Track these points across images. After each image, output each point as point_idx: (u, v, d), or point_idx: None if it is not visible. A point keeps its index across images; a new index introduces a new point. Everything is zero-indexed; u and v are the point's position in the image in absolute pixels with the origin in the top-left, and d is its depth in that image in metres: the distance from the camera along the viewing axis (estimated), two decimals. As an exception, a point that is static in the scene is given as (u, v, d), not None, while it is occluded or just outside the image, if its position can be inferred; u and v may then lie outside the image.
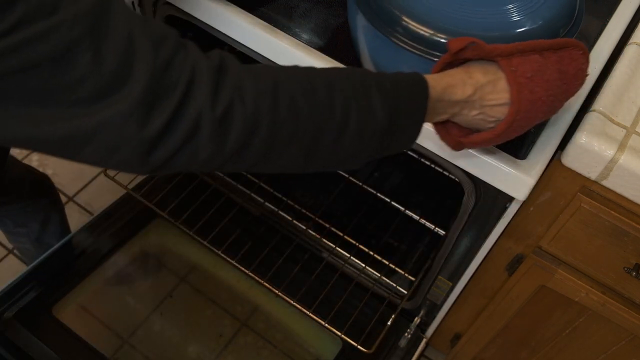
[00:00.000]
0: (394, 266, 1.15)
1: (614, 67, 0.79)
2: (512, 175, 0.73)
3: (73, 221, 1.28)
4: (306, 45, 0.82)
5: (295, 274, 1.17)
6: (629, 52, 0.80)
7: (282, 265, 1.17)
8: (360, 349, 1.03)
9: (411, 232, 1.25)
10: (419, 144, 0.79)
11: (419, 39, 0.66)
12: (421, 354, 1.21)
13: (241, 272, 1.13)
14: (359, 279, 1.15)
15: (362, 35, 0.73)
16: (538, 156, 0.74)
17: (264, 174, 1.28)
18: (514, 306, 1.00)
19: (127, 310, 1.18)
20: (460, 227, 0.91)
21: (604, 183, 0.73)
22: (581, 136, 0.70)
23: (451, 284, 1.04)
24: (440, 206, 1.26)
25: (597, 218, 0.78)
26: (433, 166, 1.25)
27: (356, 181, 1.23)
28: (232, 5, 0.86)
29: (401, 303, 1.09)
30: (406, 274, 1.13)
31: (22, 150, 1.67)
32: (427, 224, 1.17)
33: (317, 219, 1.21)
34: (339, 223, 1.22)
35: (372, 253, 1.16)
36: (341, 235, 1.20)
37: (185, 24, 0.95)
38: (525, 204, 0.82)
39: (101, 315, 1.17)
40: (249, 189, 1.26)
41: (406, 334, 1.16)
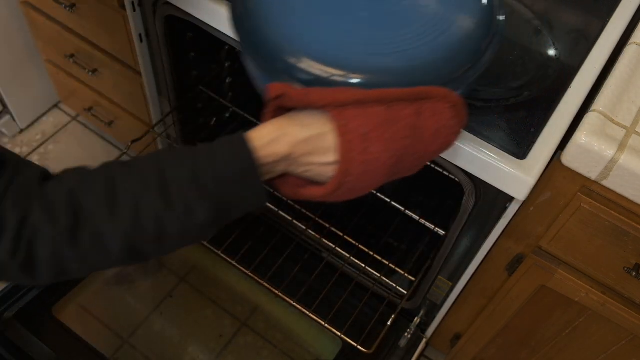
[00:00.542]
0: (394, 266, 1.14)
1: (614, 67, 0.79)
2: (512, 175, 0.73)
3: (73, 221, 1.27)
4: (306, 45, 0.82)
5: (295, 274, 1.17)
6: (629, 52, 0.80)
7: (282, 265, 1.17)
8: (360, 349, 1.03)
9: (411, 232, 1.25)
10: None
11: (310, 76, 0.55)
12: (421, 354, 1.21)
13: (241, 272, 1.13)
14: (359, 279, 1.15)
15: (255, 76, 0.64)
16: (538, 156, 0.74)
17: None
18: (514, 306, 1.00)
19: (127, 310, 1.18)
20: (460, 227, 0.91)
21: (604, 183, 0.73)
22: (581, 136, 0.70)
23: (451, 284, 1.04)
24: (440, 206, 1.26)
25: (597, 218, 0.78)
26: (433, 166, 1.25)
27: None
28: (232, 5, 0.86)
29: (401, 303, 1.09)
30: (406, 274, 1.13)
31: (22, 150, 1.68)
32: (427, 224, 1.17)
33: (317, 219, 1.21)
34: (339, 223, 1.22)
35: (372, 253, 1.16)
36: (341, 235, 1.20)
37: (185, 24, 0.95)
38: (525, 204, 0.82)
39: (101, 315, 1.17)
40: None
41: (406, 334, 1.16)
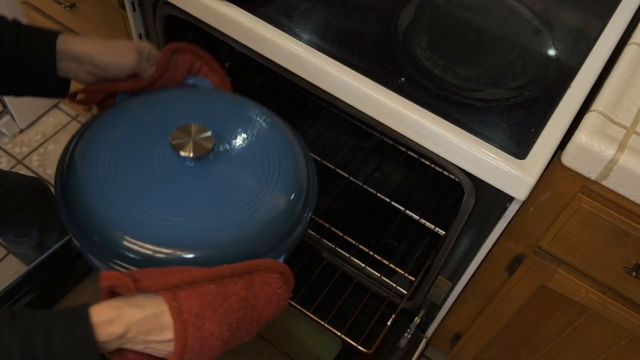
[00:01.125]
0: (394, 266, 1.14)
1: (614, 67, 0.79)
2: (512, 175, 0.73)
3: (73, 221, 1.27)
4: (306, 45, 0.82)
5: (295, 274, 1.17)
6: (629, 52, 0.80)
7: (282, 265, 1.16)
8: (360, 349, 1.03)
9: (411, 232, 1.25)
10: (419, 143, 0.79)
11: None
12: (421, 354, 1.21)
13: (241, 272, 1.13)
14: (359, 279, 1.15)
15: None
16: (538, 156, 0.74)
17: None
18: (514, 306, 1.00)
19: (127, 310, 1.18)
20: (460, 227, 0.91)
21: (604, 183, 0.73)
22: (581, 136, 0.70)
23: (451, 284, 1.04)
24: (440, 206, 1.26)
25: (597, 218, 0.78)
26: (433, 166, 1.25)
27: (356, 181, 1.23)
28: (232, 5, 0.86)
29: (401, 303, 1.09)
30: (406, 274, 1.13)
31: (22, 150, 1.68)
32: (427, 224, 1.17)
33: (317, 219, 1.21)
34: (339, 223, 1.22)
35: (372, 253, 1.16)
36: (341, 235, 1.20)
37: (185, 24, 0.95)
38: (525, 204, 0.83)
39: (101, 316, 1.17)
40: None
41: (406, 334, 1.16)
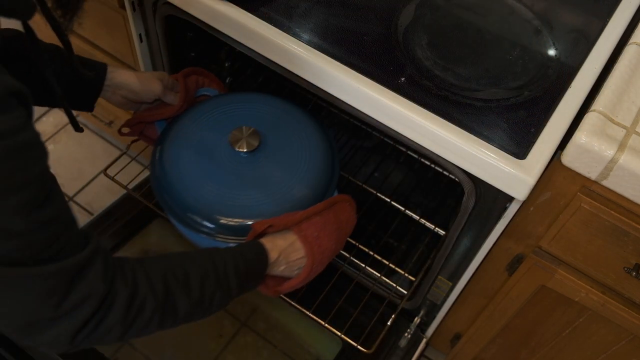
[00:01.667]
0: (394, 266, 1.14)
1: (614, 67, 0.79)
2: (512, 175, 0.73)
3: (73, 221, 1.27)
4: (306, 45, 0.82)
5: (295, 274, 1.17)
6: (629, 52, 0.80)
7: (282, 265, 1.16)
8: (360, 349, 1.02)
9: (411, 232, 1.25)
10: (419, 143, 0.80)
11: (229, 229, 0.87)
12: (421, 354, 1.21)
13: (241, 272, 1.13)
14: (359, 279, 1.15)
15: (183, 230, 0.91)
16: (538, 156, 0.74)
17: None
18: (514, 306, 1.00)
19: (127, 310, 1.18)
20: (460, 227, 0.91)
21: (604, 183, 0.73)
22: (581, 136, 0.70)
23: (451, 284, 1.04)
24: (440, 206, 1.26)
25: (597, 218, 0.78)
26: (433, 166, 1.25)
27: (356, 181, 1.23)
28: (232, 5, 0.86)
29: (401, 303, 1.08)
30: (406, 274, 1.13)
31: (22, 150, 1.67)
32: (427, 224, 1.17)
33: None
34: (339, 223, 1.22)
35: (372, 253, 1.16)
36: (341, 235, 1.20)
37: (185, 24, 0.95)
38: (525, 204, 0.83)
39: (101, 315, 1.17)
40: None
41: (406, 334, 1.16)
